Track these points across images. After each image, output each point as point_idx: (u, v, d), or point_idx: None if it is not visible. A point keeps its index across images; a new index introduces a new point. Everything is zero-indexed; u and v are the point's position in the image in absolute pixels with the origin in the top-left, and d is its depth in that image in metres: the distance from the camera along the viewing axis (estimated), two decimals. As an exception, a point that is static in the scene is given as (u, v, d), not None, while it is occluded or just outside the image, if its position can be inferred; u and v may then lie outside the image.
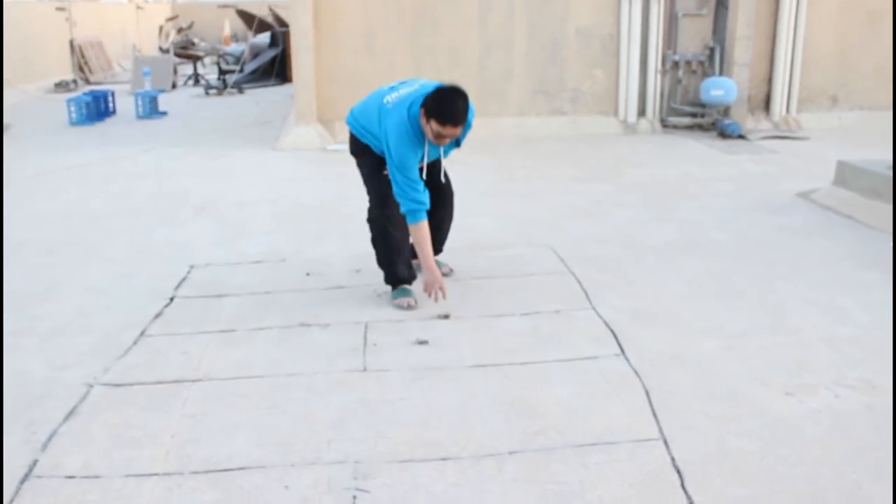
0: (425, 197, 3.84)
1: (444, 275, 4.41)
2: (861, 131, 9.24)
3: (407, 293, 4.08)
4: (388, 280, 4.16)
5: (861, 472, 2.59)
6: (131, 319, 3.92)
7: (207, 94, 14.15)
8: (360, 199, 4.20)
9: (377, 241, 4.12)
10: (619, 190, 6.58)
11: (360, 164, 4.13)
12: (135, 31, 21.32)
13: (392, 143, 3.74)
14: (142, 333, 3.76)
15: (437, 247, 4.39)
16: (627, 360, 3.42)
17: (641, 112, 9.55)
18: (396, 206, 3.92)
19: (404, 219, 3.93)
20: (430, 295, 3.97)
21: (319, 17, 8.79)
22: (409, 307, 4.01)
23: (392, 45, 9.07)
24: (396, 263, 4.10)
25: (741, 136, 8.96)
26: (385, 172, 3.92)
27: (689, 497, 2.47)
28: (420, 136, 3.76)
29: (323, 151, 8.51)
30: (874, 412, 2.95)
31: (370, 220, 4.10)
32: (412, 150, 3.76)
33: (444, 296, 3.96)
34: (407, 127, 3.72)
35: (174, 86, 15.01)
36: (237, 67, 15.57)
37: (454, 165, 5.01)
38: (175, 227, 5.64)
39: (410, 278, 4.15)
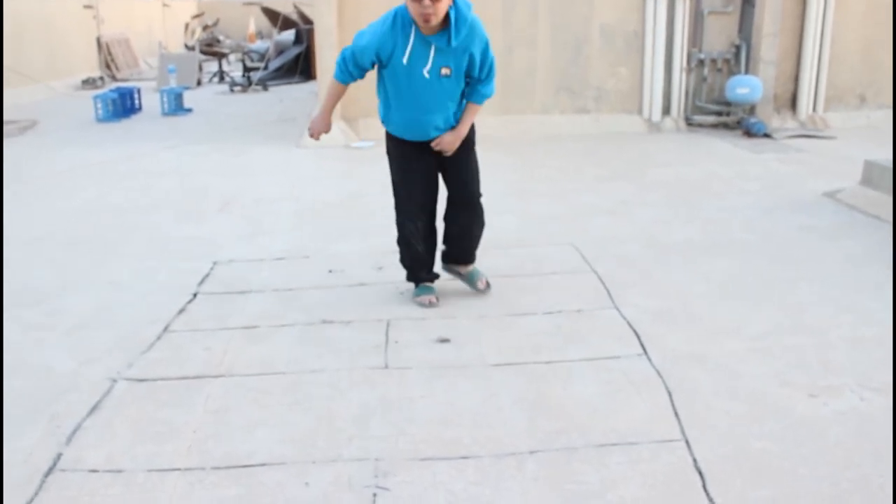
0: (357, 73, 3.79)
1: (480, 290, 4.20)
2: (889, 130, 9.09)
3: (429, 291, 4.09)
4: (410, 278, 4.17)
5: (886, 475, 2.55)
6: (154, 315, 3.95)
7: (232, 91, 14.23)
8: (381, 197, 4.21)
9: (402, 245, 4.11)
10: (642, 189, 6.54)
11: (391, 170, 4.02)
12: (161, 28, 21.48)
13: (367, 28, 3.69)
14: (165, 329, 3.79)
15: (467, 255, 4.19)
16: (650, 359, 3.40)
17: (666, 110, 9.49)
18: (422, 219, 3.97)
19: (428, 232, 4.01)
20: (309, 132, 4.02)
21: (343, 11, 8.80)
22: (431, 305, 4.01)
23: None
24: (417, 269, 4.12)
25: (767, 135, 8.88)
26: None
27: (710, 498, 2.45)
28: (405, 29, 3.60)
29: (346, 149, 8.52)
30: (900, 415, 2.92)
31: (398, 225, 4.06)
32: (384, 35, 3.61)
33: (313, 136, 3.98)
34: (389, 19, 3.61)
35: (199, 83, 15.12)
36: (262, 64, 15.65)
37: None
38: (199, 223, 5.68)
39: (432, 278, 4.15)
